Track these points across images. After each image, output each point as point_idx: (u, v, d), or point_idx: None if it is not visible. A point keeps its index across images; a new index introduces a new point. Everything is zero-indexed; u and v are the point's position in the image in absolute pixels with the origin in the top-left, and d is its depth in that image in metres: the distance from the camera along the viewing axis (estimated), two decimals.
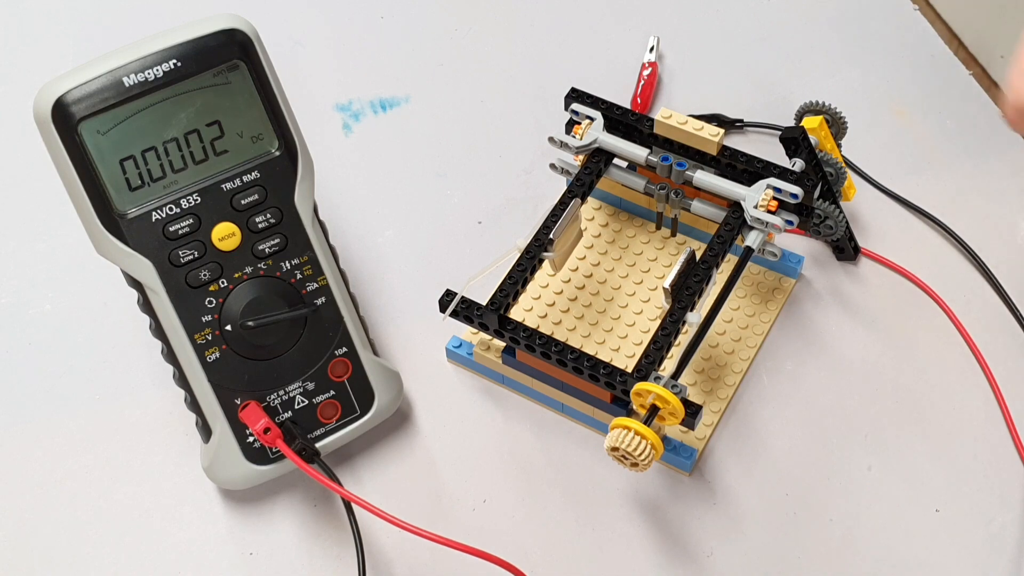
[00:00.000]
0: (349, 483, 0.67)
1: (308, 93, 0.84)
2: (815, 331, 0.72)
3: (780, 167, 0.67)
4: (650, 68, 0.84)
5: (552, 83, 0.85)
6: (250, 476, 0.64)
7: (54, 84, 0.56)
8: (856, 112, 0.81)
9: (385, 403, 0.66)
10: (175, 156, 0.59)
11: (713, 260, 0.65)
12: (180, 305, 0.60)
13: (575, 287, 0.73)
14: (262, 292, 0.61)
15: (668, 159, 0.69)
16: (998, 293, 0.73)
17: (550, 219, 0.67)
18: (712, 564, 0.63)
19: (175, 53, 0.57)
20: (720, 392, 0.69)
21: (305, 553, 0.64)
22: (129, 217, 0.59)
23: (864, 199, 0.78)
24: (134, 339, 0.72)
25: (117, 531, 0.65)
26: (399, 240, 0.78)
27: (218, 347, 0.61)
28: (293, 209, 0.62)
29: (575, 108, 0.72)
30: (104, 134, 0.57)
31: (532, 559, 0.64)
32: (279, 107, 0.61)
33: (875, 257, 0.75)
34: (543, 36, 0.89)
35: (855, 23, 0.89)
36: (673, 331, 0.63)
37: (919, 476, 0.66)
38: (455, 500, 0.66)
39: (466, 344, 0.71)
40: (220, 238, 0.60)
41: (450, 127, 0.84)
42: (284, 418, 0.63)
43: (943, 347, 0.71)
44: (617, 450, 0.58)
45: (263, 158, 0.61)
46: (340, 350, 0.64)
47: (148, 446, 0.69)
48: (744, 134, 0.82)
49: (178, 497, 0.67)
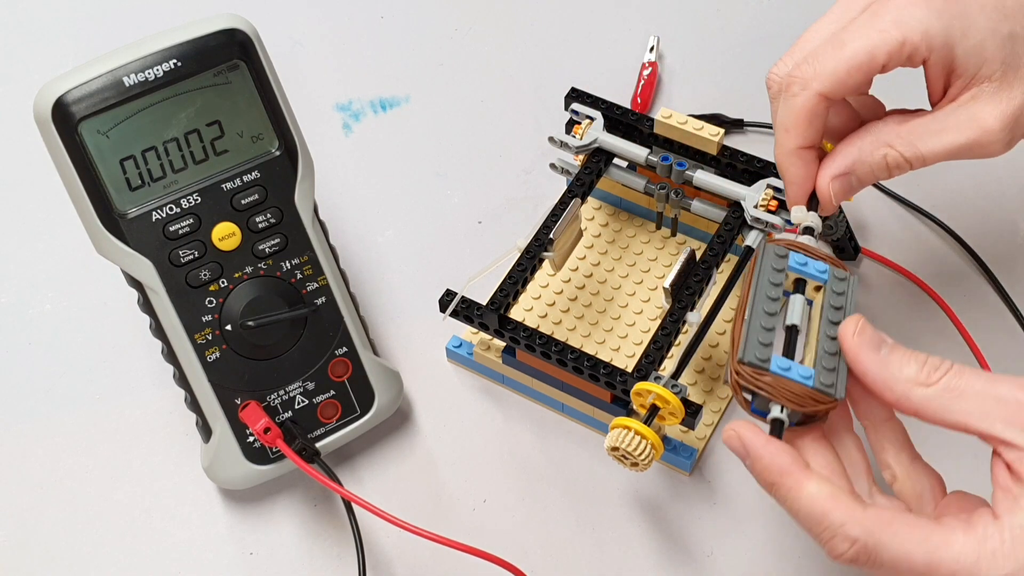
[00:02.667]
0: (349, 483, 0.67)
1: (308, 93, 0.84)
2: None
3: None
4: (650, 68, 0.84)
5: (552, 83, 0.85)
6: (250, 476, 0.64)
7: (54, 84, 0.57)
8: None
9: (385, 403, 0.66)
10: (175, 156, 0.59)
11: (713, 260, 0.65)
12: (180, 305, 0.60)
13: (575, 287, 0.73)
14: (262, 292, 0.61)
15: (668, 159, 0.69)
16: (998, 293, 0.73)
17: (550, 219, 0.67)
18: (712, 564, 0.63)
19: (175, 53, 0.57)
20: (720, 392, 0.69)
21: (305, 553, 0.64)
22: (129, 217, 0.59)
23: (864, 199, 0.78)
24: (134, 339, 0.72)
25: (117, 531, 0.65)
26: (399, 240, 0.78)
27: (218, 347, 0.61)
28: (293, 209, 0.62)
29: (575, 108, 0.72)
30: (104, 134, 0.57)
31: (532, 559, 0.64)
32: (279, 107, 0.61)
33: (875, 257, 0.75)
34: (543, 36, 0.89)
35: None
36: (673, 331, 0.63)
37: None
38: (455, 500, 0.66)
39: (466, 344, 0.71)
40: (220, 238, 0.60)
41: (450, 127, 0.84)
42: (284, 418, 0.63)
43: (943, 347, 0.71)
44: (617, 450, 0.58)
45: (263, 158, 0.61)
46: (340, 350, 0.64)
47: (148, 446, 0.69)
48: (744, 134, 0.82)
49: (178, 497, 0.67)
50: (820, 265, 0.53)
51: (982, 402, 0.46)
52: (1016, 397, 0.46)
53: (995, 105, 0.53)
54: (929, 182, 0.79)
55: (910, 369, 0.47)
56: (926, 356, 0.48)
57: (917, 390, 0.47)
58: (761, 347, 0.50)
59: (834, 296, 0.52)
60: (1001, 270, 0.74)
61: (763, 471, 0.47)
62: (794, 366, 0.50)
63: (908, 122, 0.55)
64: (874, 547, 0.45)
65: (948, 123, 0.54)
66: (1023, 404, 0.46)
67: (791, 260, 0.53)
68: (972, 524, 0.45)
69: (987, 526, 0.45)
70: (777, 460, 0.47)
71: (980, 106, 0.53)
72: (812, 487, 0.46)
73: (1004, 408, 0.46)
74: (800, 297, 0.53)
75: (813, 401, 0.49)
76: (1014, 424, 0.45)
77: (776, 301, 0.51)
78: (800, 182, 0.56)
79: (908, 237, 0.76)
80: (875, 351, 0.48)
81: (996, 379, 0.46)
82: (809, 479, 0.46)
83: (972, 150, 0.54)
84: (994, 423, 0.46)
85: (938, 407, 0.46)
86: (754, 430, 0.48)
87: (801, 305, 0.52)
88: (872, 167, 0.55)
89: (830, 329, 0.51)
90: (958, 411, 0.46)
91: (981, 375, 0.47)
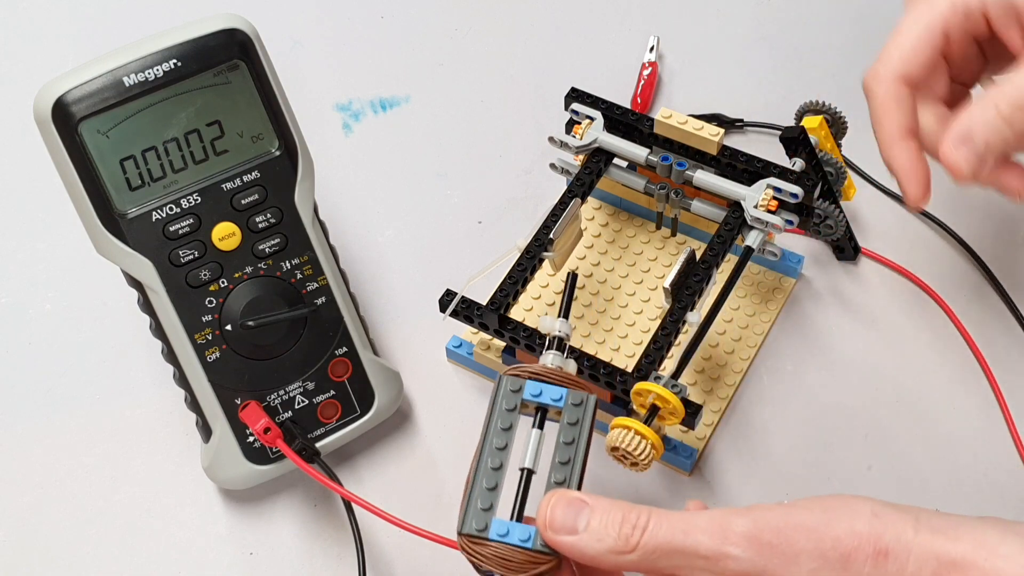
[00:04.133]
0: (349, 483, 0.66)
1: (308, 93, 0.84)
2: (815, 331, 0.72)
3: (780, 167, 0.67)
4: (650, 68, 0.84)
5: (552, 83, 0.85)
6: (250, 476, 0.64)
7: (54, 84, 0.57)
8: (856, 112, 0.80)
9: (385, 403, 0.66)
10: (175, 156, 0.59)
11: (713, 260, 0.65)
12: (180, 305, 0.60)
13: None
14: (262, 292, 0.61)
15: (668, 159, 0.69)
16: (998, 293, 0.73)
17: (550, 219, 0.67)
18: None
19: (175, 53, 0.57)
20: (720, 392, 0.69)
21: (305, 553, 0.65)
22: (129, 217, 0.59)
23: (864, 199, 0.78)
24: (134, 339, 0.72)
25: (117, 531, 0.65)
26: (399, 240, 0.78)
27: (218, 347, 0.61)
28: (293, 209, 0.62)
29: (575, 108, 0.72)
30: (104, 134, 0.57)
31: None
32: (279, 107, 0.61)
33: (875, 257, 0.75)
34: (543, 36, 0.89)
35: (855, 23, 0.89)
36: (673, 331, 0.63)
37: (919, 476, 0.66)
38: (455, 500, 0.66)
39: (466, 344, 0.71)
40: (220, 238, 0.60)
41: (450, 127, 0.84)
42: (284, 418, 0.63)
43: (943, 347, 0.71)
44: (617, 450, 0.58)
45: (263, 158, 0.61)
46: (340, 350, 0.64)
47: (148, 446, 0.69)
48: (744, 134, 0.82)
49: (178, 497, 0.67)
50: (555, 392, 0.53)
51: (683, 556, 0.46)
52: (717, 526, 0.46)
53: None
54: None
55: (608, 541, 0.47)
56: (622, 514, 0.47)
57: (623, 558, 0.47)
58: (481, 513, 0.50)
59: (567, 429, 0.52)
60: (1001, 270, 0.74)
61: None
62: (513, 528, 0.50)
63: (1013, 80, 0.54)
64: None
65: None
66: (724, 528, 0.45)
67: (526, 391, 0.53)
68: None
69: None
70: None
71: None
72: None
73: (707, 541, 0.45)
74: (536, 435, 0.53)
75: (532, 564, 0.50)
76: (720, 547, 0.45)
77: (504, 450, 0.52)
78: (909, 169, 0.56)
79: (908, 237, 0.76)
80: (571, 532, 0.48)
81: (689, 521, 0.46)
82: None
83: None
84: (695, 561, 0.46)
85: (648, 567, 0.47)
86: None
87: (535, 446, 0.53)
88: (989, 123, 0.53)
89: (558, 472, 0.51)
90: (665, 567, 0.46)
91: (677, 523, 0.46)
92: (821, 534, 0.44)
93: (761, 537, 0.44)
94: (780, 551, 0.44)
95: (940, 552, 0.43)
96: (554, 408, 0.53)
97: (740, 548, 0.44)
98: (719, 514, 0.46)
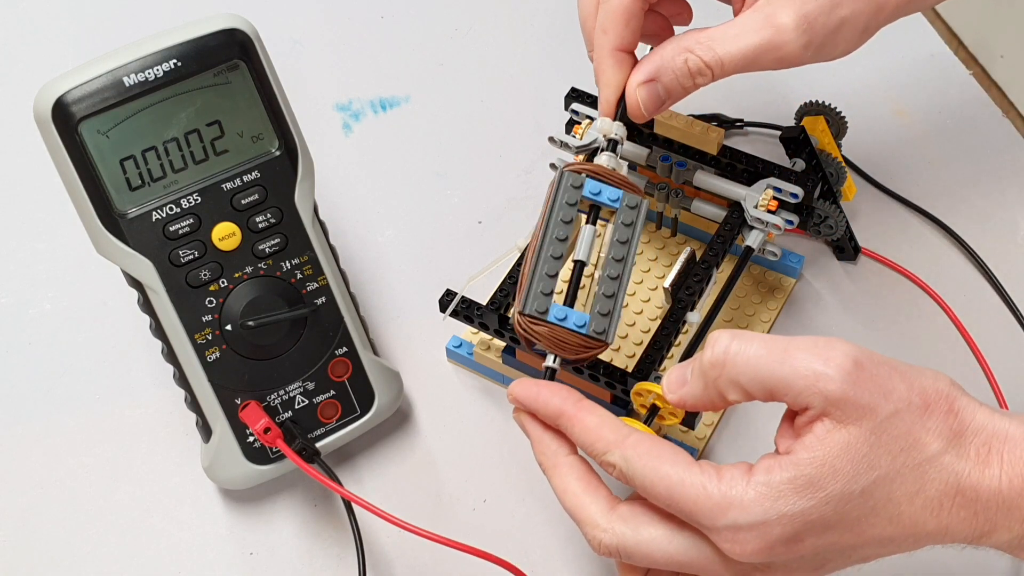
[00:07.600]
0: (349, 483, 0.67)
1: (308, 93, 0.84)
2: (815, 331, 0.72)
3: (780, 167, 0.67)
4: None
5: (552, 83, 0.85)
6: (250, 476, 0.64)
7: (54, 84, 0.57)
8: (856, 112, 0.80)
9: (385, 403, 0.66)
10: (175, 156, 0.59)
11: (713, 260, 0.65)
12: (180, 305, 0.60)
13: None
14: (262, 292, 0.61)
15: (668, 159, 0.69)
16: (998, 293, 0.73)
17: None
18: None
19: (175, 53, 0.57)
20: None
21: (305, 553, 0.65)
22: (129, 217, 0.59)
23: (864, 199, 0.78)
24: (134, 339, 0.72)
25: (117, 531, 0.65)
26: (399, 240, 0.78)
27: (218, 347, 0.61)
28: (293, 209, 0.62)
29: (575, 108, 0.72)
30: (104, 134, 0.57)
31: (532, 559, 0.64)
32: (279, 107, 0.61)
33: (875, 257, 0.75)
34: (543, 36, 0.89)
35: None
36: (673, 331, 0.63)
37: None
38: (455, 500, 0.66)
39: (466, 344, 0.71)
40: (220, 238, 0.60)
41: (450, 127, 0.84)
42: (284, 418, 0.63)
43: (943, 347, 0.71)
44: None
45: (263, 158, 0.61)
46: (340, 350, 0.64)
47: (148, 446, 0.69)
48: (744, 134, 0.82)
49: (178, 497, 0.67)
50: (613, 192, 0.56)
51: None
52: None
53: (789, 4, 0.55)
54: (929, 182, 0.79)
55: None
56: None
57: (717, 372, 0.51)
58: (542, 297, 0.54)
59: (621, 229, 0.55)
60: (1001, 270, 0.74)
61: (544, 407, 0.53)
62: (571, 314, 0.54)
63: (709, 29, 0.57)
64: (629, 471, 0.50)
65: (745, 26, 0.56)
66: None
67: (586, 188, 0.56)
68: (723, 473, 0.49)
69: (736, 478, 0.49)
70: (555, 398, 0.53)
71: (775, 7, 0.55)
72: (591, 418, 0.52)
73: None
74: (591, 230, 0.56)
75: (584, 348, 0.54)
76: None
77: (564, 242, 0.55)
78: (614, 85, 0.58)
79: (908, 237, 0.76)
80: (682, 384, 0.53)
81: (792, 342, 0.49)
82: (589, 410, 0.52)
83: (769, 52, 0.55)
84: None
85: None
86: (525, 383, 0.54)
87: (590, 240, 0.56)
88: (675, 73, 0.57)
89: (611, 268, 0.54)
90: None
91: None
92: (912, 380, 0.48)
93: (863, 364, 0.48)
94: (878, 383, 0.47)
95: (998, 423, 0.48)
96: (608, 208, 0.56)
97: (838, 370, 0.47)
98: (823, 340, 0.49)
